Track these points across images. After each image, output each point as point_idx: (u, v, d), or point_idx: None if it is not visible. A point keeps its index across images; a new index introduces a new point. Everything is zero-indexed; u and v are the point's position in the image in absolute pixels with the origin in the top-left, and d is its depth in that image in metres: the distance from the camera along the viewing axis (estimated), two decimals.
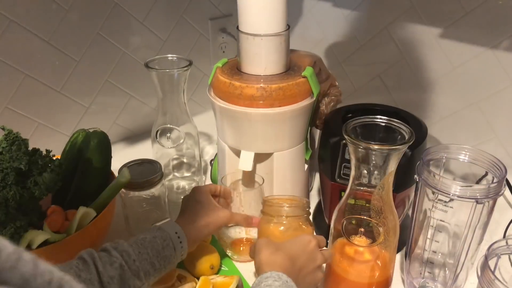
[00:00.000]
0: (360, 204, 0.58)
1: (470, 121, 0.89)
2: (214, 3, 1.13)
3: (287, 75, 0.71)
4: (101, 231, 0.70)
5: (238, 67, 0.73)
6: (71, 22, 0.91)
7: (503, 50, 0.80)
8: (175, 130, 0.84)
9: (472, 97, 0.87)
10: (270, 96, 0.67)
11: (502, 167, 0.57)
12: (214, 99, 0.72)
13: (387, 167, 0.55)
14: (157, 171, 0.76)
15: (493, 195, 0.55)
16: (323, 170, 0.74)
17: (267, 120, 0.69)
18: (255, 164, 0.73)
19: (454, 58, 0.87)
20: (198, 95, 1.20)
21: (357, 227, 0.59)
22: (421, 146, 0.65)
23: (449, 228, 0.61)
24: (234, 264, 0.73)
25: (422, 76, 0.94)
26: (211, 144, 1.09)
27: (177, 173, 0.92)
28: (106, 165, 0.75)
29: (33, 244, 0.61)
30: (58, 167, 0.70)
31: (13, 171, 0.66)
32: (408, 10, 0.91)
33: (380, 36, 0.98)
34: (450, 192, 0.55)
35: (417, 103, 0.96)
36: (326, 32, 1.10)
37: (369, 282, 0.60)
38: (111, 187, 0.69)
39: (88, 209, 0.66)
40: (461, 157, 0.61)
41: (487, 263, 0.53)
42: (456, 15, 0.84)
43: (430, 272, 0.66)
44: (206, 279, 0.65)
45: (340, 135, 0.66)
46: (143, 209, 0.77)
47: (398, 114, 0.72)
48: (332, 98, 0.78)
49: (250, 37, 0.68)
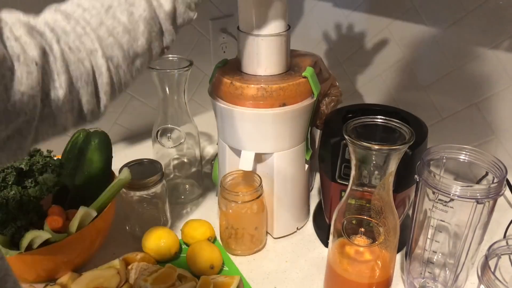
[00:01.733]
0: (360, 204, 0.59)
1: (470, 121, 0.89)
2: (214, 3, 1.13)
3: (288, 75, 0.71)
4: (101, 231, 0.70)
5: (238, 67, 0.73)
6: None
7: (503, 50, 0.80)
8: (176, 130, 0.84)
9: (472, 97, 0.87)
10: (270, 96, 0.67)
11: (502, 167, 0.57)
12: (214, 99, 0.72)
13: (388, 167, 0.55)
14: (158, 171, 0.76)
15: (494, 195, 0.55)
16: (323, 170, 0.74)
17: (267, 120, 0.69)
18: (255, 164, 0.74)
19: (454, 58, 0.87)
20: (199, 95, 1.20)
21: (357, 227, 0.59)
22: (421, 146, 0.65)
23: (449, 228, 0.61)
24: (234, 264, 0.73)
25: (422, 76, 0.94)
26: (211, 144, 1.09)
27: (178, 173, 0.92)
28: (107, 165, 0.75)
29: (33, 244, 0.61)
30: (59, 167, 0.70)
31: (14, 171, 0.66)
32: (408, 10, 0.91)
33: (381, 36, 0.99)
34: (450, 192, 0.55)
35: (417, 103, 0.96)
36: (327, 33, 1.10)
37: (369, 282, 0.60)
38: (112, 187, 0.69)
39: (89, 209, 0.66)
40: (461, 157, 0.61)
41: (488, 263, 0.53)
42: (457, 15, 0.84)
43: (430, 272, 0.66)
44: (207, 279, 0.65)
45: (340, 135, 0.66)
46: (143, 209, 0.78)
47: (398, 114, 0.72)
48: (332, 98, 0.78)
49: (250, 37, 0.68)
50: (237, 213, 0.72)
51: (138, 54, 0.47)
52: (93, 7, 0.43)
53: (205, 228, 0.77)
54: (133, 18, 0.46)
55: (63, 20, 0.41)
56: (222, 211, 0.73)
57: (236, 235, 0.73)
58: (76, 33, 0.41)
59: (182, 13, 0.51)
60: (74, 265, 0.68)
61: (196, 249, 0.71)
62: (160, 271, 0.66)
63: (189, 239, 0.75)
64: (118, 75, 0.45)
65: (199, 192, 0.91)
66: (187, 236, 0.76)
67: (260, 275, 0.71)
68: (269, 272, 0.72)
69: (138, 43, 0.46)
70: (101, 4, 0.44)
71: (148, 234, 0.73)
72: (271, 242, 0.78)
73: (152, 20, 0.47)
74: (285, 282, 0.70)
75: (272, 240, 0.79)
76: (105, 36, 0.43)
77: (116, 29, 0.44)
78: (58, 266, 0.66)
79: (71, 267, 0.68)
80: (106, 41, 0.43)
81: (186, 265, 0.70)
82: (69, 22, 0.41)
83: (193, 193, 0.90)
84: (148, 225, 0.75)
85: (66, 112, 0.40)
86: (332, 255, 0.62)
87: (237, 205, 0.71)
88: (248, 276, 0.71)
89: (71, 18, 0.42)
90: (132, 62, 0.46)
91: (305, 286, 0.69)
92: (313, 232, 0.81)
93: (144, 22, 0.46)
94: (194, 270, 0.69)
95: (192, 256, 0.70)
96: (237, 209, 0.72)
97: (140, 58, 0.47)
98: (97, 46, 0.42)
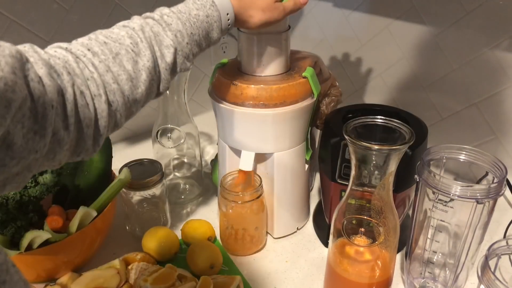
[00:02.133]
0: (360, 204, 0.59)
1: (470, 121, 0.89)
2: None
3: (288, 76, 0.71)
4: (101, 231, 0.70)
5: (238, 67, 0.73)
6: (72, 22, 0.91)
7: (503, 50, 0.80)
8: (176, 130, 0.84)
9: (472, 97, 0.87)
10: (270, 97, 0.67)
11: (502, 167, 0.57)
12: (214, 99, 0.72)
13: (388, 167, 0.55)
14: (158, 171, 0.76)
15: (494, 195, 0.55)
16: (323, 170, 0.74)
17: (267, 121, 0.69)
18: (255, 164, 0.74)
19: (454, 58, 0.87)
20: (199, 95, 1.20)
21: (357, 227, 0.59)
22: (421, 146, 0.65)
23: (449, 228, 0.61)
24: (234, 264, 0.73)
25: (422, 76, 0.94)
26: (211, 144, 1.09)
27: (178, 173, 0.92)
28: (107, 165, 0.75)
29: (34, 244, 0.61)
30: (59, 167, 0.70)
31: None
32: (408, 10, 0.91)
33: (381, 36, 0.99)
34: (450, 192, 0.55)
35: (417, 103, 0.96)
36: (327, 33, 1.10)
37: (369, 282, 0.60)
38: (112, 187, 0.69)
39: (89, 209, 0.66)
40: (461, 157, 0.61)
41: (488, 263, 0.53)
42: (457, 15, 0.84)
43: (430, 272, 0.66)
44: (207, 279, 0.65)
45: (340, 135, 0.66)
46: (143, 209, 0.78)
47: (398, 114, 0.72)
48: (332, 98, 0.78)
49: (251, 37, 0.68)
50: (237, 213, 0.72)
51: (136, 101, 0.49)
52: (102, 52, 0.46)
53: (205, 228, 0.77)
54: (137, 67, 0.48)
55: (74, 62, 0.43)
56: (222, 211, 0.73)
57: (236, 235, 0.73)
58: (84, 77, 0.43)
59: (180, 63, 0.54)
60: (74, 265, 0.68)
61: (196, 249, 0.71)
62: (160, 271, 0.66)
63: (189, 239, 0.75)
64: (115, 118, 0.47)
65: (199, 192, 0.91)
66: (187, 236, 0.76)
67: (260, 275, 0.71)
68: (269, 272, 0.72)
69: (138, 90, 0.48)
70: (109, 51, 0.46)
71: (148, 234, 0.73)
72: (271, 242, 0.78)
73: (153, 70, 0.50)
74: (285, 282, 0.70)
75: (272, 240, 0.79)
76: (110, 82, 0.45)
77: (121, 76, 0.46)
78: (58, 266, 0.66)
79: (71, 267, 0.68)
80: (110, 87, 0.45)
81: (186, 265, 0.70)
82: (78, 65, 0.43)
83: (193, 193, 0.90)
84: (148, 225, 0.75)
85: (66, 150, 0.41)
86: (332, 255, 0.62)
87: (237, 205, 0.71)
88: (248, 276, 0.71)
89: (80, 61, 0.44)
90: (130, 108, 0.49)
91: (305, 286, 0.69)
92: (313, 232, 0.81)
93: (146, 72, 0.49)
94: (194, 270, 0.69)
95: (192, 256, 0.70)
96: (237, 209, 0.72)
97: (137, 104, 0.50)
98: (101, 91, 0.44)
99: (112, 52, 0.46)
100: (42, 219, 0.64)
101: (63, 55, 0.43)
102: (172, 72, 0.53)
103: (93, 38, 0.47)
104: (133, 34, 0.49)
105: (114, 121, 0.47)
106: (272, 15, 0.61)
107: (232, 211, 0.72)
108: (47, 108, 0.36)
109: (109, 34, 0.48)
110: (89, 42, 0.46)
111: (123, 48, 0.47)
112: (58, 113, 0.38)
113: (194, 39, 0.54)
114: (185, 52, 0.53)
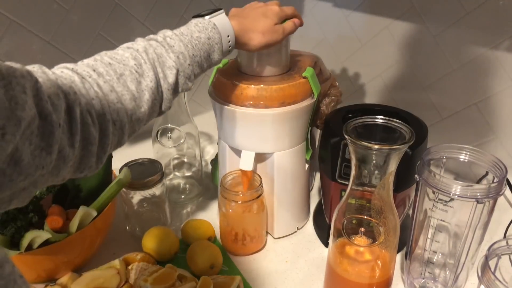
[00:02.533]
0: (360, 203, 0.59)
1: (470, 121, 0.89)
2: (214, 3, 1.13)
3: (288, 76, 0.71)
4: (101, 230, 0.70)
5: (238, 67, 0.73)
6: (72, 22, 0.91)
7: (503, 50, 0.80)
8: (176, 130, 0.84)
9: (472, 97, 0.87)
10: (270, 97, 0.67)
11: (502, 167, 0.57)
12: (215, 99, 0.72)
13: (388, 167, 0.55)
14: (158, 171, 0.76)
15: (494, 195, 0.55)
16: (323, 170, 0.74)
17: (267, 121, 0.69)
18: (255, 164, 0.74)
19: (454, 58, 0.87)
20: (199, 95, 1.20)
21: (357, 227, 0.59)
22: (421, 146, 0.65)
23: (449, 228, 0.61)
24: (234, 264, 0.73)
25: (422, 76, 0.94)
26: (211, 144, 1.09)
27: (178, 172, 0.92)
28: (107, 164, 0.75)
29: (34, 243, 0.61)
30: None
31: None
32: (408, 10, 0.91)
33: (381, 36, 0.99)
34: (450, 191, 0.55)
35: (417, 103, 0.96)
36: (327, 33, 1.10)
37: (369, 282, 0.60)
38: (112, 186, 0.69)
39: (89, 209, 0.66)
40: (462, 157, 0.61)
41: (488, 263, 0.53)
42: (457, 15, 0.84)
43: (430, 272, 0.66)
44: (207, 279, 0.65)
45: (340, 135, 0.66)
46: (143, 209, 0.78)
47: (398, 114, 0.72)
48: (332, 98, 0.78)
49: None
50: (237, 213, 0.72)
51: (139, 120, 0.50)
52: (107, 73, 0.47)
53: (205, 228, 0.77)
54: (141, 87, 0.49)
55: (80, 83, 0.44)
56: (222, 211, 0.73)
57: (236, 235, 0.73)
58: (90, 96, 0.44)
59: (182, 84, 0.55)
60: (74, 265, 0.68)
61: (196, 249, 0.71)
62: (160, 271, 0.66)
63: (189, 239, 0.75)
64: (118, 137, 0.48)
65: (199, 192, 0.91)
66: (187, 236, 0.76)
67: (260, 275, 0.71)
68: (269, 272, 0.72)
69: (141, 110, 0.50)
70: (114, 71, 0.48)
71: (148, 234, 0.73)
72: (271, 242, 0.78)
73: (156, 90, 0.51)
74: (285, 282, 0.70)
75: (272, 240, 0.79)
76: (114, 102, 0.46)
77: (124, 96, 0.48)
78: (58, 266, 0.66)
79: (71, 267, 0.68)
80: (114, 106, 0.46)
81: (186, 265, 0.70)
82: (84, 85, 0.44)
83: (193, 193, 0.90)
84: (148, 225, 0.75)
85: (70, 166, 0.42)
86: (332, 255, 0.62)
87: (237, 205, 0.71)
88: (248, 276, 0.71)
89: (86, 81, 0.45)
90: (133, 126, 0.50)
91: (305, 286, 0.69)
92: (313, 232, 0.81)
93: (149, 92, 0.50)
94: (194, 270, 0.69)
95: (192, 256, 0.70)
96: (237, 209, 0.72)
97: (140, 123, 0.51)
98: (106, 111, 0.45)
99: (117, 73, 0.48)
100: (42, 219, 0.64)
101: (69, 75, 0.44)
102: (174, 92, 0.54)
103: (98, 59, 0.49)
104: (137, 56, 0.51)
105: (117, 139, 0.48)
106: (272, 37, 0.63)
107: (232, 211, 0.72)
108: (54, 126, 0.37)
109: (114, 55, 0.50)
110: (94, 63, 0.48)
111: (127, 69, 0.49)
112: (65, 131, 0.39)
113: (196, 60, 0.56)
114: (187, 73, 0.55)
